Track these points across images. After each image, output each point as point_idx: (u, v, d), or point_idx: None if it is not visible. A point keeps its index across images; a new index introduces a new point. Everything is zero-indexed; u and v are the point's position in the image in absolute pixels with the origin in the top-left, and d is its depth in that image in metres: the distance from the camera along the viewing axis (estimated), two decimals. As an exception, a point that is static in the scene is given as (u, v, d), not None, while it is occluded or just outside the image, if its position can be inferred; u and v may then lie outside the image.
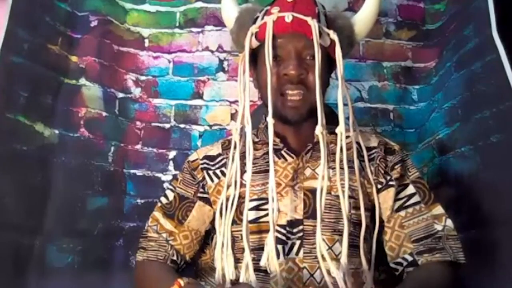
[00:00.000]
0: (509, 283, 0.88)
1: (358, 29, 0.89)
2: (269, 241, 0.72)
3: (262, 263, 0.73)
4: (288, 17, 0.80)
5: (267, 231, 0.75)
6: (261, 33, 0.82)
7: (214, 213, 0.85)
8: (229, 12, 0.94)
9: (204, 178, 0.90)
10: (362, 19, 0.90)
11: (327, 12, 0.88)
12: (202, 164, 0.92)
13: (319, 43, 0.79)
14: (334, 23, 0.86)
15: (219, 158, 0.92)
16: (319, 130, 0.76)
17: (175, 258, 0.87)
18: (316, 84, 0.78)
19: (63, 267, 1.08)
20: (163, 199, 0.92)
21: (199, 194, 0.90)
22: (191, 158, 0.95)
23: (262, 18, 0.84)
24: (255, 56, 0.86)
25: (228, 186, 0.81)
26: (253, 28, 0.83)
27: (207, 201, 0.89)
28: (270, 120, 0.77)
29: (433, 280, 0.79)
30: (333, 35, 0.82)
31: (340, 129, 0.78)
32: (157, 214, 0.91)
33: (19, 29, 1.06)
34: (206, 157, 0.93)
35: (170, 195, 0.91)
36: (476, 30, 1.09)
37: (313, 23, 0.79)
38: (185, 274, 0.91)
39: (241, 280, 0.73)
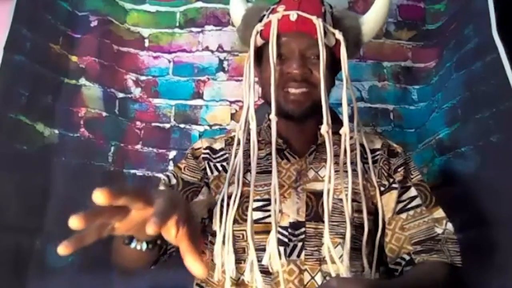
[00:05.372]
0: (509, 283, 0.88)
1: (366, 30, 0.89)
2: (271, 240, 0.72)
3: (265, 261, 0.73)
4: (293, 15, 0.79)
5: (268, 232, 0.75)
6: (266, 31, 0.82)
7: (212, 211, 0.84)
8: (237, 10, 0.94)
9: (205, 167, 0.89)
10: (371, 20, 0.89)
11: (335, 12, 0.87)
12: (204, 154, 0.91)
13: (324, 43, 0.78)
14: (341, 23, 0.85)
15: (221, 153, 0.91)
16: (324, 129, 0.75)
17: None
18: (321, 84, 0.77)
19: (63, 267, 1.08)
20: (165, 180, 0.88)
21: (205, 180, 0.88)
22: (195, 145, 0.94)
23: (268, 17, 0.83)
24: (260, 54, 0.86)
25: (230, 184, 0.81)
26: (258, 26, 0.83)
27: (210, 188, 0.88)
28: (273, 117, 0.76)
29: (429, 276, 0.79)
30: (339, 35, 0.81)
31: (344, 130, 0.77)
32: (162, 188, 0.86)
33: (23, 28, 1.07)
34: (209, 148, 0.92)
35: (172, 180, 0.88)
36: (476, 30, 1.09)
37: (318, 22, 0.78)
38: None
39: (245, 278, 0.73)
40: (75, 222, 0.38)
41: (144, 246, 0.54)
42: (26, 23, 1.07)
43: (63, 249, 0.39)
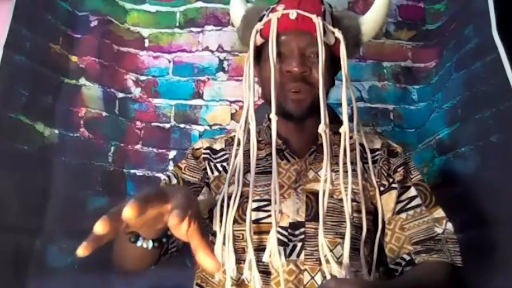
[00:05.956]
0: (509, 283, 0.88)
1: (366, 30, 0.89)
2: (271, 239, 0.72)
3: (265, 258, 0.73)
4: (293, 14, 0.80)
5: (268, 232, 0.75)
6: (265, 30, 0.82)
7: (213, 211, 0.84)
8: (237, 11, 0.95)
9: (206, 168, 0.89)
10: (371, 20, 0.89)
11: (334, 12, 0.88)
12: (205, 154, 0.91)
13: (323, 41, 0.78)
14: (340, 22, 0.86)
15: (221, 153, 0.91)
16: (322, 128, 0.75)
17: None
18: (320, 82, 0.77)
19: (63, 267, 1.08)
20: (166, 180, 0.88)
21: (206, 180, 0.88)
22: (195, 145, 0.94)
23: (267, 16, 0.84)
24: (260, 54, 0.86)
25: (230, 184, 0.81)
26: (258, 25, 0.83)
27: (211, 188, 0.88)
28: (273, 116, 0.76)
29: (429, 276, 0.79)
30: (338, 34, 0.81)
31: (344, 128, 0.77)
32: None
33: (22, 28, 1.07)
34: (210, 148, 0.92)
35: (173, 180, 0.88)
36: (476, 30, 1.09)
37: (317, 20, 0.78)
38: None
39: (244, 276, 0.73)
40: (100, 227, 0.40)
41: (150, 244, 0.55)
42: (26, 23, 1.07)
43: (82, 250, 0.40)
